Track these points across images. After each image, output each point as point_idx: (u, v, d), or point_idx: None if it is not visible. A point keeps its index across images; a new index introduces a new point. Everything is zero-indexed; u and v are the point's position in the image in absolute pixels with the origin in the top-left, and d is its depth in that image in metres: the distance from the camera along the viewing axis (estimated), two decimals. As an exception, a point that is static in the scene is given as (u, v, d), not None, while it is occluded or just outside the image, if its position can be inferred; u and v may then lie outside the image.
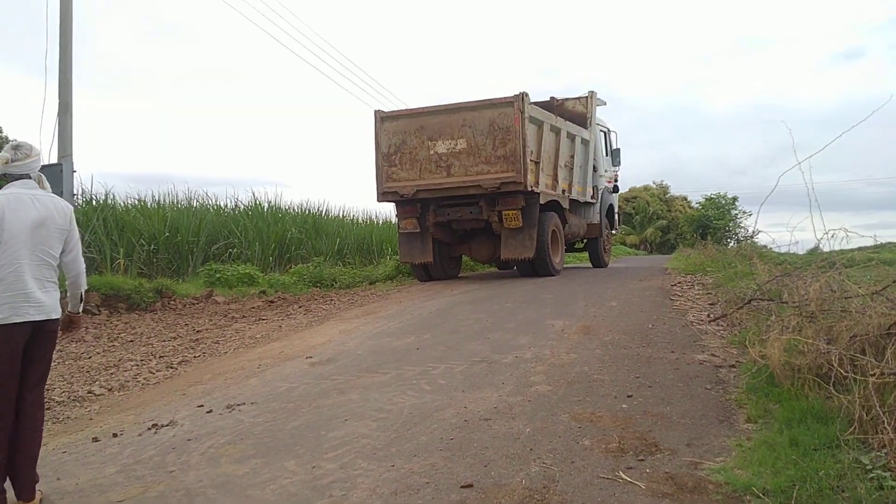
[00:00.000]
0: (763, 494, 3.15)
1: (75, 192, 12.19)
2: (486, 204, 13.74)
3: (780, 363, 4.67)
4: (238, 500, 3.57)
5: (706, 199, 59.11)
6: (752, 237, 19.24)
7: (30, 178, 3.88)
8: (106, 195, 16.82)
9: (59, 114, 11.96)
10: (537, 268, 14.20)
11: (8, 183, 3.86)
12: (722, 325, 7.58)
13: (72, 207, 4.09)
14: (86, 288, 4.14)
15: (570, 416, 4.59)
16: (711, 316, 8.20)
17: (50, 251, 3.81)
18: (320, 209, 22.37)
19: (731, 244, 37.19)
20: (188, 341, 9.07)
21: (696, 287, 11.46)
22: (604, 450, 3.93)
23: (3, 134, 12.22)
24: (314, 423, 4.80)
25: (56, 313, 3.87)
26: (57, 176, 10.95)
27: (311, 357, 7.17)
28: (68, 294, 4.05)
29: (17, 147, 3.89)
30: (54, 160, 11.59)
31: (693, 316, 8.40)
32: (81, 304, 4.12)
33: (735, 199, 57.08)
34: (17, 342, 3.66)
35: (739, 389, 5.01)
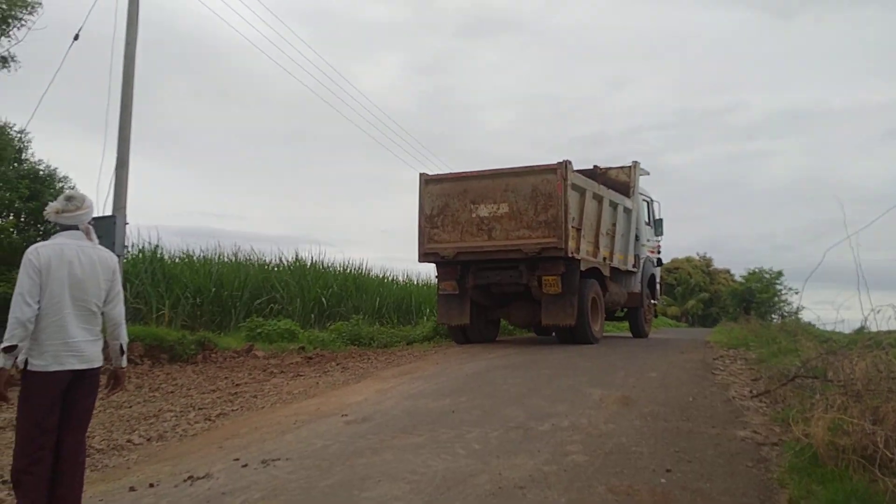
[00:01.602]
0: (805, 579, 3.05)
1: (126, 244, 12.52)
2: (526, 269, 13.76)
3: (824, 443, 4.56)
4: (270, 557, 3.56)
5: (750, 273, 58.24)
6: (796, 313, 18.92)
7: (78, 229, 3.99)
8: (155, 248, 17.28)
9: (116, 168, 12.39)
10: (576, 335, 14.08)
11: (56, 232, 3.98)
12: (765, 402, 7.42)
13: (117, 259, 4.20)
14: (127, 340, 4.20)
15: (606, 487, 4.51)
16: (754, 392, 8.03)
17: (93, 301, 3.91)
18: (361, 268, 22.65)
19: (774, 319, 36.47)
20: (227, 394, 9.16)
21: (739, 362, 11.26)
22: (640, 524, 3.85)
23: (74, 184, 12.74)
24: (347, 483, 4.79)
25: (98, 361, 3.95)
26: (110, 228, 11.30)
27: (346, 415, 7.18)
28: (109, 345, 4.11)
29: (69, 198, 4.00)
30: (109, 212, 11.97)
31: (735, 391, 8.24)
32: (124, 357, 4.18)
33: (780, 273, 56.12)
34: (57, 389, 3.75)
35: (782, 468, 4.88)
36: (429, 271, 25.38)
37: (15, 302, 3.65)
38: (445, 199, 14.29)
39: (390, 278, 23.82)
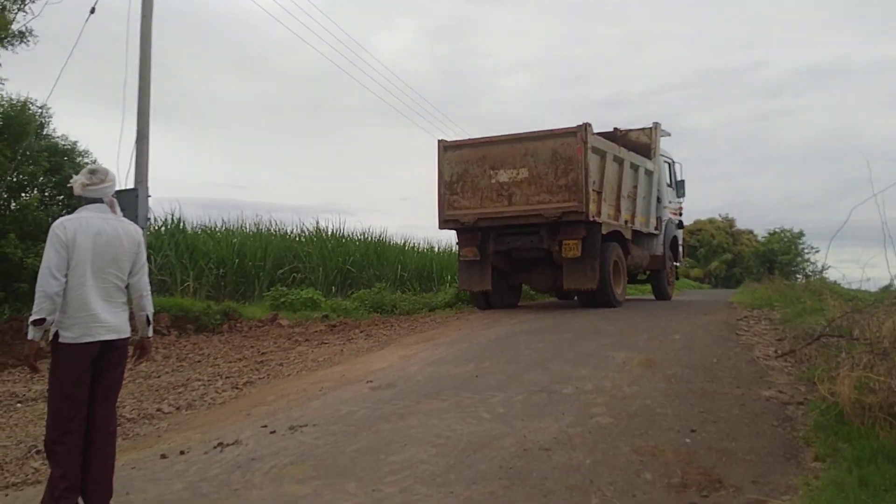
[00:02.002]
0: (831, 535, 3.06)
1: (149, 216, 12.63)
2: (547, 233, 13.71)
3: (850, 401, 4.54)
4: (300, 520, 3.62)
5: (770, 234, 57.77)
6: (821, 272, 18.75)
7: (102, 202, 4.02)
8: (177, 220, 17.41)
9: (136, 141, 12.44)
10: (598, 299, 14.04)
11: (81, 206, 4.02)
12: (790, 362, 7.38)
13: (141, 231, 4.25)
14: (152, 311, 4.25)
15: (631, 448, 4.53)
16: (779, 352, 7.99)
17: (118, 273, 3.95)
18: (382, 236, 22.70)
19: (798, 279, 36.19)
20: (253, 363, 9.28)
21: (763, 322, 11.18)
22: (666, 484, 3.88)
23: (94, 157, 12.86)
24: (374, 447, 4.85)
25: (126, 332, 4.00)
26: (132, 201, 11.38)
27: (371, 381, 7.25)
28: (135, 316, 4.17)
29: (93, 172, 4.03)
30: (131, 186, 12.06)
31: (759, 351, 8.20)
32: (150, 328, 4.23)
33: (801, 233, 55.64)
34: (87, 360, 3.81)
35: (807, 427, 4.88)
36: (449, 238, 25.44)
37: (42, 276, 3.70)
38: (464, 166, 14.23)
39: (411, 246, 23.88)
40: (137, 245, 4.07)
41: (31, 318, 3.67)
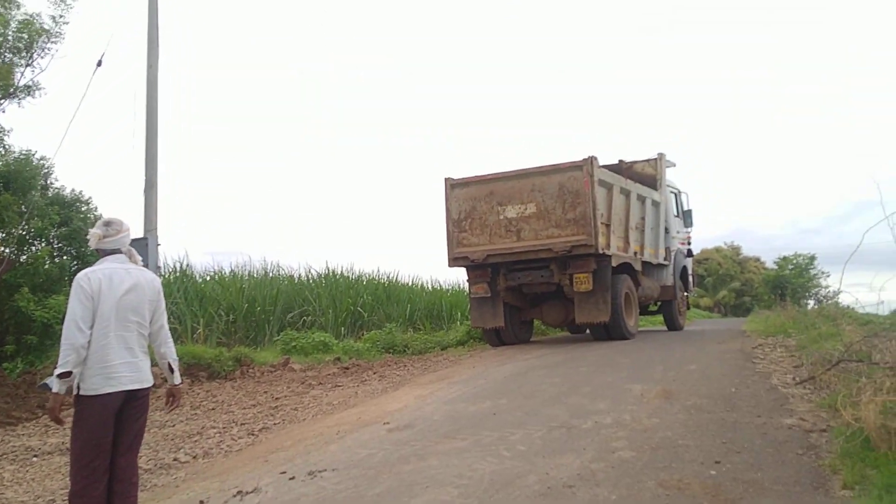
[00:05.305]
0: (868, 565, 3.00)
1: (159, 264, 12.70)
2: (557, 267, 13.72)
3: (876, 426, 4.49)
4: (325, 567, 3.57)
5: (782, 259, 57.71)
6: (834, 297, 18.66)
7: (121, 252, 4.07)
8: (185, 267, 17.52)
9: (144, 190, 12.56)
10: (611, 331, 14.00)
11: (100, 258, 4.06)
12: (809, 388, 7.31)
13: (159, 280, 4.30)
14: (175, 358, 4.27)
15: (656, 482, 4.47)
16: (797, 379, 7.92)
17: (141, 322, 3.98)
18: (391, 276, 22.73)
19: (809, 305, 36.00)
20: (268, 408, 9.23)
21: (779, 349, 11.11)
22: (694, 517, 3.82)
23: (95, 208, 12.97)
24: (395, 490, 4.79)
25: (148, 382, 4.01)
26: (143, 249, 11.44)
27: (388, 423, 7.19)
28: (159, 364, 4.19)
29: (108, 223, 4.09)
30: (140, 234, 12.14)
31: (777, 379, 8.13)
32: (176, 374, 4.26)
33: (813, 257, 55.67)
34: (110, 411, 3.81)
35: (833, 454, 4.81)
36: (457, 276, 25.45)
37: (68, 328, 3.71)
38: (472, 203, 14.30)
39: (419, 285, 23.90)
40: (157, 293, 4.12)
41: (58, 372, 3.67)
